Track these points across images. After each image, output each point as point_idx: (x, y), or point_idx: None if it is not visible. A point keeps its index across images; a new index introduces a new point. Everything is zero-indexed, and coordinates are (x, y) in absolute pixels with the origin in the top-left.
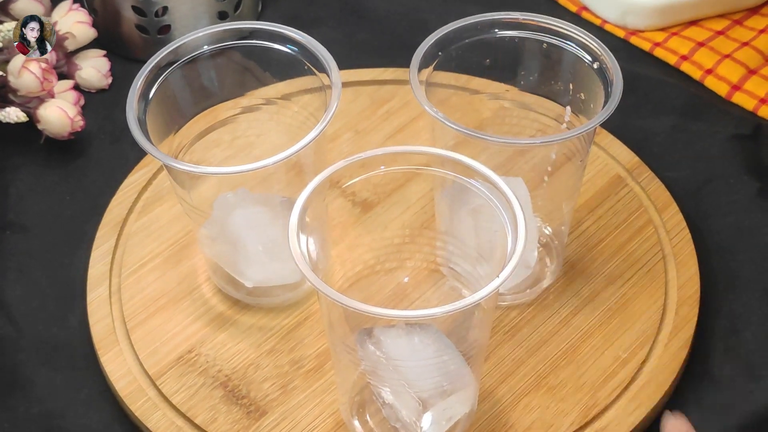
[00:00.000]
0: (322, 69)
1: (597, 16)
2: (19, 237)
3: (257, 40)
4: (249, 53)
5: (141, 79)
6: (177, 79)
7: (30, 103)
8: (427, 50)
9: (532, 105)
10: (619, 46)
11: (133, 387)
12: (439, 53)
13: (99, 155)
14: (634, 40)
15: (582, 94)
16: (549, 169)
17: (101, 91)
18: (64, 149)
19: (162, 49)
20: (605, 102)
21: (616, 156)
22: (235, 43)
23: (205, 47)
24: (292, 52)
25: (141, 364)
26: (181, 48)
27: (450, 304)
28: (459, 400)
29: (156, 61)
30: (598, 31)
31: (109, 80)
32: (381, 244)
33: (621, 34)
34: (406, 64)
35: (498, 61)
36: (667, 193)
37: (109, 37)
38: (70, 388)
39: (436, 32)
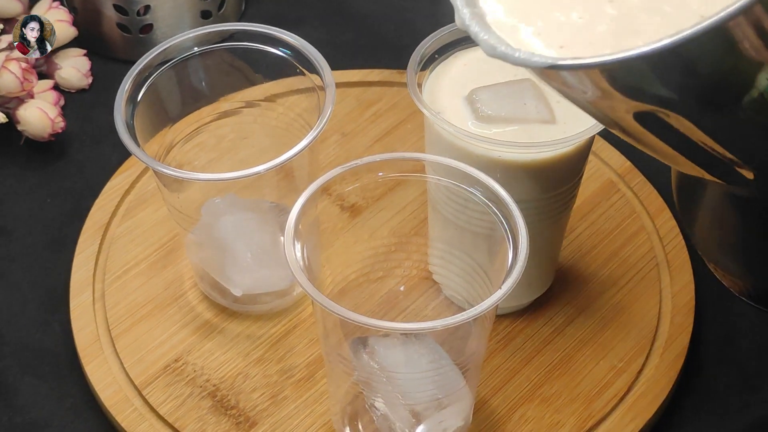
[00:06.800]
0: (313, 70)
1: None
2: None
3: (245, 41)
4: (238, 54)
5: (129, 81)
6: (165, 81)
7: (9, 104)
8: (423, 53)
9: None
10: None
11: (118, 397)
12: (436, 56)
13: (80, 157)
14: None
15: None
16: None
17: (81, 91)
18: (44, 151)
19: (151, 50)
20: None
21: (607, 160)
22: (224, 45)
23: (195, 48)
24: (284, 54)
25: (126, 374)
26: (169, 49)
27: (450, 318)
28: (454, 413)
29: (145, 62)
30: None
31: (90, 80)
32: (370, 250)
33: None
34: (392, 65)
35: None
36: (660, 199)
37: (89, 36)
38: (54, 397)
39: (432, 35)
